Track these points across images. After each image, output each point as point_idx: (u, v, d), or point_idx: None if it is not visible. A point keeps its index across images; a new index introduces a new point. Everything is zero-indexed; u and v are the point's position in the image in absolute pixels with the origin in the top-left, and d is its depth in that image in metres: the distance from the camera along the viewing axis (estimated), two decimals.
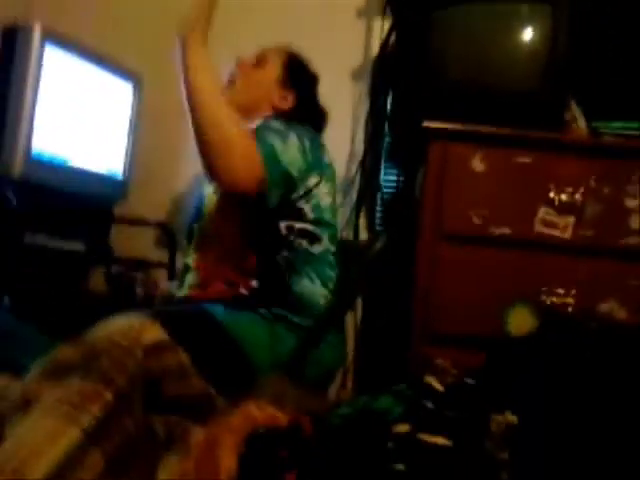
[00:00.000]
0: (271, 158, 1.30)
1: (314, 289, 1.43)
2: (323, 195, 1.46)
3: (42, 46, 1.64)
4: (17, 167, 1.62)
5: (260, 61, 1.63)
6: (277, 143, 1.33)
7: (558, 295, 1.70)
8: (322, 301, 1.45)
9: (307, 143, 1.42)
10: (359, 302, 2.07)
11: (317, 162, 1.45)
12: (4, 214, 1.46)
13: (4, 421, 0.96)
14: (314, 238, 1.44)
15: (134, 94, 2.00)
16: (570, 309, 1.69)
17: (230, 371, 1.25)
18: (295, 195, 1.41)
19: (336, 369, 1.54)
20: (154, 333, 1.08)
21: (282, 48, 1.66)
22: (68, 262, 1.75)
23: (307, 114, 1.59)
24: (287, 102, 1.59)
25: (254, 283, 1.38)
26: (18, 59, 1.62)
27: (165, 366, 1.08)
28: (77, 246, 1.76)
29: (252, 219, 1.40)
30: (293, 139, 1.38)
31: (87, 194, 1.87)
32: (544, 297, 1.70)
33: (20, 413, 0.95)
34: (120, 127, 1.98)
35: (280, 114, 1.54)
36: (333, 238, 1.50)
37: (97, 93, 1.86)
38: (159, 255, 2.08)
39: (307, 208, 1.43)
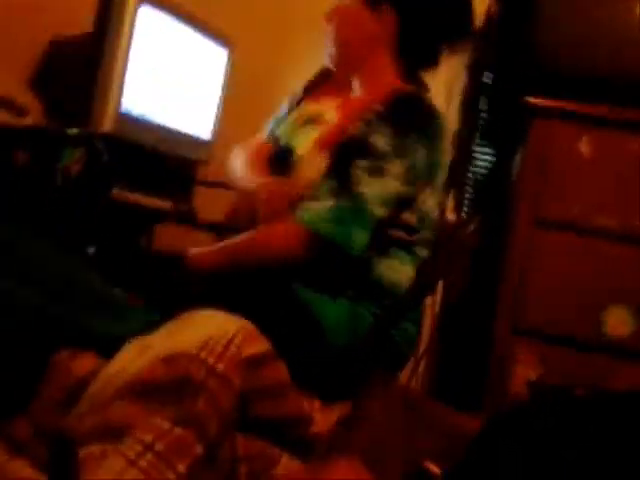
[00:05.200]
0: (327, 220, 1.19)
1: (401, 275, 1.35)
2: (428, 198, 1.32)
3: (137, 6, 1.64)
4: (107, 123, 1.63)
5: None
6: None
7: None
8: (406, 282, 1.37)
9: (422, 153, 1.24)
10: (440, 286, 1.98)
11: (430, 168, 1.28)
12: (95, 165, 1.46)
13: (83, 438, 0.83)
14: (412, 230, 1.34)
15: (227, 59, 1.98)
16: None
17: (311, 353, 1.21)
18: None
19: (408, 353, 1.48)
20: (255, 345, 0.95)
21: None
22: (153, 220, 1.76)
23: (414, 41, 1.31)
24: (385, 29, 1.30)
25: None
26: (113, 17, 1.62)
27: (263, 384, 0.95)
28: (163, 204, 1.76)
29: None
30: (396, 167, 1.21)
31: (174, 154, 1.87)
32: None
33: (104, 444, 0.82)
34: (210, 91, 1.97)
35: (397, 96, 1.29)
36: (428, 228, 1.39)
37: (190, 56, 1.86)
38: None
39: (409, 216, 1.33)
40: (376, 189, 1.21)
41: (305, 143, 1.37)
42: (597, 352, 1.60)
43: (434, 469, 1.06)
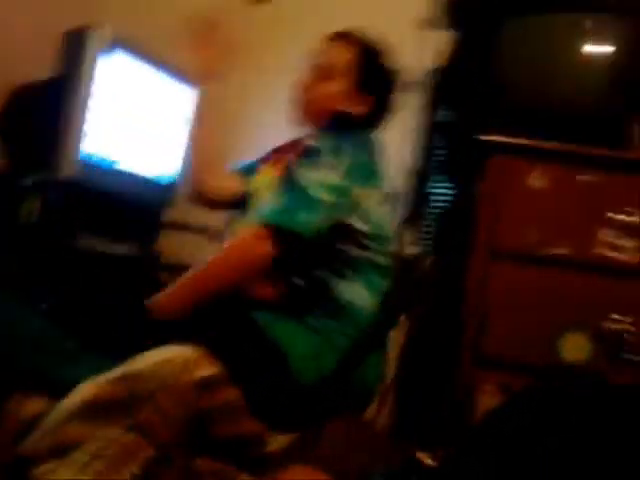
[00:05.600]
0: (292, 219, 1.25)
1: (361, 295, 1.38)
2: (373, 205, 1.40)
3: (99, 49, 1.64)
4: (68, 168, 1.63)
5: (326, 73, 1.44)
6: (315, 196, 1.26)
7: (617, 321, 1.62)
8: (368, 309, 1.39)
9: (350, 149, 1.34)
10: (404, 320, 2.01)
11: (360, 166, 1.36)
12: (53, 216, 1.46)
13: (37, 459, 0.89)
14: (363, 245, 1.38)
15: (191, 98, 1.99)
16: (629, 337, 1.61)
17: (275, 388, 1.22)
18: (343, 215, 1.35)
19: (375, 388, 1.49)
20: (208, 367, 1.00)
21: (354, 41, 1.45)
22: (116, 266, 1.75)
23: (380, 116, 1.46)
24: (362, 108, 1.43)
25: (297, 281, 1.34)
26: (78, 63, 1.63)
27: (217, 404, 1.00)
28: (126, 250, 1.75)
29: None
30: (325, 159, 1.30)
31: (137, 199, 1.86)
32: (602, 323, 1.62)
33: (55, 461, 0.88)
34: (176, 132, 1.97)
35: (338, 121, 1.44)
36: (384, 243, 1.44)
37: (156, 97, 1.86)
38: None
39: (356, 222, 1.38)
40: (314, 177, 1.28)
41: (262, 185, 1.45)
42: (557, 379, 1.63)
43: (427, 460, 1.07)
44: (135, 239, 1.82)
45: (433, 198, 2.09)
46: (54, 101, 1.61)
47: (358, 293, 1.37)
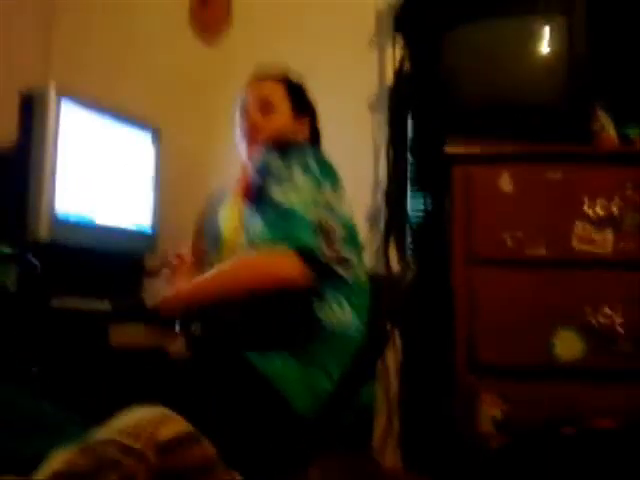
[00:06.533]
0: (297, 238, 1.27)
1: (344, 316, 1.38)
2: (341, 205, 1.41)
3: (58, 107, 1.65)
4: (43, 231, 1.63)
5: (266, 108, 1.57)
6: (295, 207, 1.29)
7: (605, 314, 1.61)
8: (353, 329, 1.39)
9: (312, 162, 1.38)
10: (397, 336, 2.01)
11: (327, 176, 1.40)
12: (29, 280, 1.46)
13: None
14: (343, 260, 1.38)
15: (153, 144, 2.00)
16: (619, 328, 1.60)
17: (273, 423, 1.22)
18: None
19: (371, 404, 1.48)
20: (173, 426, 0.99)
21: (277, 77, 1.60)
22: (100, 322, 1.74)
23: (318, 134, 1.60)
24: (305, 132, 1.58)
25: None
26: (36, 123, 1.64)
27: (187, 462, 0.99)
28: (106, 306, 1.75)
29: None
30: (299, 177, 1.34)
31: (116, 251, 1.86)
32: (590, 318, 1.62)
33: None
34: (143, 179, 1.98)
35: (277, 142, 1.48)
36: (357, 247, 1.44)
37: (117, 147, 1.87)
38: None
39: (333, 224, 1.38)
40: (293, 196, 1.31)
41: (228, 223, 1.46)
42: (554, 378, 1.63)
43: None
44: (119, 291, 1.82)
45: (411, 213, 2.09)
46: (20, 166, 1.62)
47: (340, 313, 1.37)
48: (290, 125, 1.56)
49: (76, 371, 1.37)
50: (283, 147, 1.39)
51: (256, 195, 1.36)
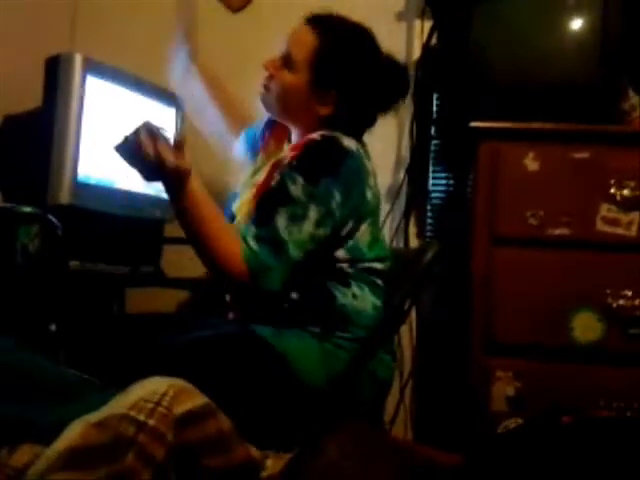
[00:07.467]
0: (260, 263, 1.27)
1: (363, 298, 1.38)
2: (361, 235, 1.39)
3: (84, 75, 1.66)
4: (64, 194, 1.64)
5: (287, 61, 1.42)
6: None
7: (625, 297, 1.59)
8: (371, 311, 1.39)
9: (338, 197, 1.31)
10: (414, 314, 2.00)
11: (351, 210, 1.35)
12: (51, 241, 1.47)
13: None
14: (345, 275, 1.37)
15: (176, 117, 2.01)
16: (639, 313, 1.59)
17: (285, 398, 1.22)
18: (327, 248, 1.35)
19: (388, 382, 1.49)
20: (189, 400, 0.98)
21: (308, 30, 1.41)
22: (120, 287, 1.76)
23: (352, 115, 1.42)
24: (326, 107, 1.41)
25: (294, 295, 1.35)
26: (61, 88, 1.64)
27: (203, 436, 0.97)
28: (125, 270, 1.76)
29: None
30: (313, 213, 1.29)
31: (136, 217, 1.88)
32: (610, 300, 1.60)
33: None
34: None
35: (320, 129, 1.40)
36: (378, 262, 1.43)
37: (139, 114, 1.88)
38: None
39: (341, 253, 1.37)
40: (294, 234, 1.27)
41: (241, 206, 1.44)
42: (570, 360, 1.62)
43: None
44: (138, 257, 1.84)
45: (432, 189, 2.07)
46: (44, 129, 1.62)
47: (359, 297, 1.37)
48: (303, 93, 1.41)
49: (92, 333, 1.38)
50: (315, 163, 1.32)
51: (263, 206, 1.33)
